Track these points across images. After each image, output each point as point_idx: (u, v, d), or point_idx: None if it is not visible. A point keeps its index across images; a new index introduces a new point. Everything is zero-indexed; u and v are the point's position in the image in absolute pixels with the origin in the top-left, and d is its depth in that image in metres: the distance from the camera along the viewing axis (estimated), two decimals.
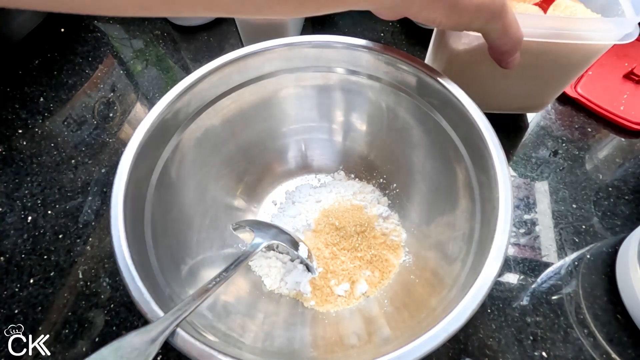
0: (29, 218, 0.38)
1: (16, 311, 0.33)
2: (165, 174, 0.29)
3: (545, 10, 0.35)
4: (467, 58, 0.35)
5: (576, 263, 0.34)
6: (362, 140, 0.37)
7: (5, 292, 0.34)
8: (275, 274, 0.33)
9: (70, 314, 0.33)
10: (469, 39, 0.34)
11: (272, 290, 0.33)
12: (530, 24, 0.31)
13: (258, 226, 0.32)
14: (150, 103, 0.47)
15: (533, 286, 0.33)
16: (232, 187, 0.36)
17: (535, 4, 0.35)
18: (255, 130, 0.36)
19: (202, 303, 0.23)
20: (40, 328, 0.32)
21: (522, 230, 0.36)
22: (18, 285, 0.34)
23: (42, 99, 0.47)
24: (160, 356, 0.31)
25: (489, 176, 0.25)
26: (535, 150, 0.41)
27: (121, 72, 0.50)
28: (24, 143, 0.44)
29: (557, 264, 0.34)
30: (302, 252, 0.32)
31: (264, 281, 0.33)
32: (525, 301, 0.32)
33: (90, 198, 0.39)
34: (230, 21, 0.53)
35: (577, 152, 0.41)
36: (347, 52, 0.31)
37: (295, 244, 0.32)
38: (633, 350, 0.30)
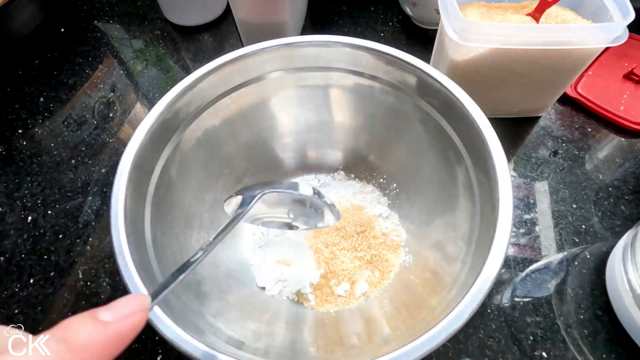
0: (29, 218, 0.38)
1: (16, 311, 0.33)
2: (165, 174, 0.29)
3: (537, 19, 0.36)
4: (466, 68, 0.36)
5: (576, 263, 0.34)
6: (362, 140, 0.37)
7: (5, 292, 0.34)
8: (276, 274, 0.33)
9: (70, 314, 0.33)
10: (467, 50, 0.34)
11: (273, 291, 0.33)
12: (524, 34, 0.33)
13: (246, 189, 0.29)
14: (150, 103, 0.47)
15: (533, 286, 0.33)
16: (232, 186, 0.36)
17: (528, 14, 0.36)
18: (255, 130, 0.36)
19: (185, 277, 0.21)
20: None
21: (522, 230, 0.36)
22: (18, 285, 0.34)
23: (42, 99, 0.47)
24: (160, 356, 0.31)
25: (489, 176, 0.25)
26: (535, 150, 0.41)
27: (121, 72, 0.50)
28: (24, 143, 0.44)
29: (557, 264, 0.34)
30: (305, 190, 0.28)
31: (265, 281, 0.33)
32: (525, 301, 0.32)
33: (90, 198, 0.39)
34: (230, 21, 0.53)
35: (577, 152, 0.41)
36: (347, 52, 0.31)
37: (293, 186, 0.29)
38: (634, 349, 0.30)
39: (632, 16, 0.32)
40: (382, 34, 0.52)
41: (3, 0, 0.44)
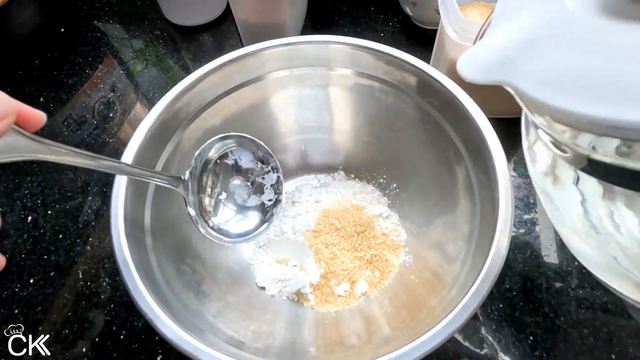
0: (29, 218, 0.38)
1: (16, 311, 0.33)
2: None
3: None
4: None
5: (576, 263, 0.34)
6: (362, 140, 0.37)
7: (5, 292, 0.34)
8: (276, 274, 0.33)
9: (70, 314, 0.33)
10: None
11: (273, 290, 0.33)
12: None
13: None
14: (150, 103, 0.47)
15: (533, 286, 0.33)
16: None
17: None
18: (255, 130, 0.36)
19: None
20: (40, 328, 0.32)
21: (522, 230, 0.36)
22: (18, 285, 0.34)
23: (42, 99, 0.47)
24: (160, 356, 0.31)
25: (489, 176, 0.25)
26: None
27: (121, 72, 0.50)
28: None
29: (557, 264, 0.34)
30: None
31: (265, 281, 0.33)
32: (525, 301, 0.32)
33: (90, 198, 0.39)
34: (230, 21, 0.53)
35: None
36: (347, 52, 0.31)
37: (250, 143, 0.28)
38: (634, 350, 0.30)
39: None
40: (382, 34, 0.52)
41: (3, 0, 0.44)
